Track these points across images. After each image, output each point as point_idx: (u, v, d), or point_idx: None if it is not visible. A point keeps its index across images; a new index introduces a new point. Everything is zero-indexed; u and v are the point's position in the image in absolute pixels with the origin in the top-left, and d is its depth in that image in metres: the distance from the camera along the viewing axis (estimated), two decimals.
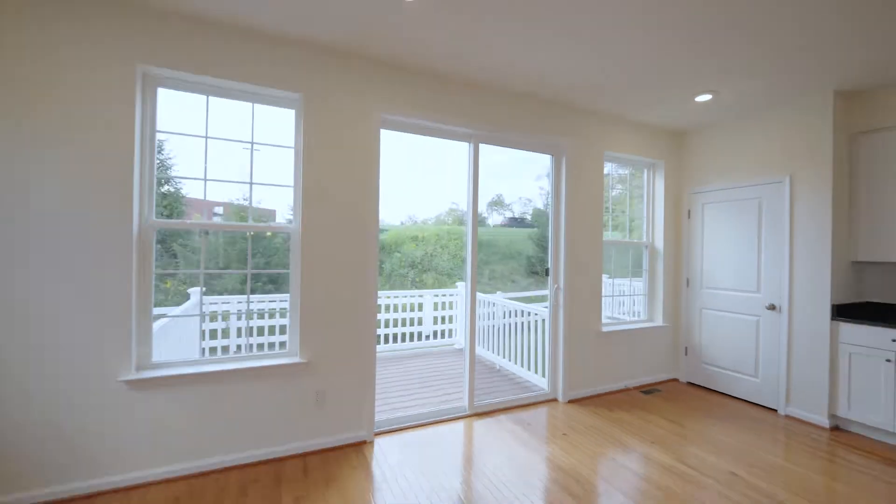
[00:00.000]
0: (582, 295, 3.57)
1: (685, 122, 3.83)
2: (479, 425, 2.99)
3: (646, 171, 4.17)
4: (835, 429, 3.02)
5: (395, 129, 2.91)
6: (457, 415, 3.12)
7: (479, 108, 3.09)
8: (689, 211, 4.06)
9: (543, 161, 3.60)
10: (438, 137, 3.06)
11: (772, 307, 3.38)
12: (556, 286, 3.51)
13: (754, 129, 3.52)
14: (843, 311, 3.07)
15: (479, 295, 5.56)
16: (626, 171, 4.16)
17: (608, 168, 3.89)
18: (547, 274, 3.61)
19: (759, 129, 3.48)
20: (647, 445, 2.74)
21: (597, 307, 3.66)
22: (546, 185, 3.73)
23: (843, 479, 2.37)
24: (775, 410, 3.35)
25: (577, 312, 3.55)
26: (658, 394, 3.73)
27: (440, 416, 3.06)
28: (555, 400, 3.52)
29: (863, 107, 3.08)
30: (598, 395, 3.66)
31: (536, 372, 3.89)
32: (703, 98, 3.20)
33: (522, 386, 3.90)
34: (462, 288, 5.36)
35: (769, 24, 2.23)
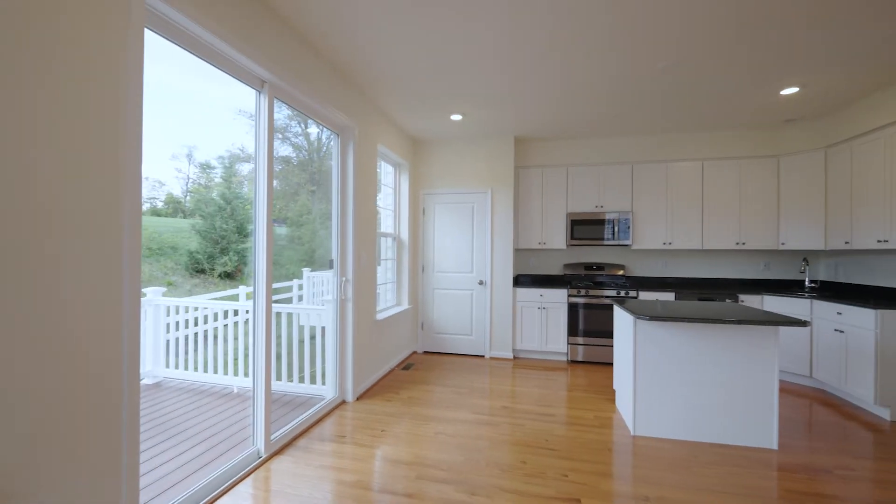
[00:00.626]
0: (366, 286, 3.51)
1: (430, 133, 4.54)
2: (285, 464, 2.35)
3: (394, 169, 4.59)
4: (516, 358, 4.62)
5: (162, 33, 1.74)
6: (250, 466, 2.29)
7: (282, 52, 2.38)
8: (423, 209, 4.84)
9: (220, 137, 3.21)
10: (218, 67, 2.10)
11: (481, 282, 4.67)
12: (343, 279, 3.26)
13: (472, 151, 4.71)
14: (518, 281, 4.74)
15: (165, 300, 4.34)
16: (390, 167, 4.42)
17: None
18: (331, 266, 3.27)
19: (475, 152, 4.70)
20: (439, 409, 3.13)
21: (373, 297, 3.70)
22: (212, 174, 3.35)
23: (527, 383, 3.72)
24: (483, 356, 4.68)
25: (363, 304, 3.46)
26: (413, 367, 4.26)
27: (228, 479, 2.14)
28: (344, 402, 3.27)
29: (522, 151, 4.84)
30: (377, 383, 3.73)
31: (314, 382, 3.44)
32: (456, 118, 3.96)
33: (292, 404, 3.34)
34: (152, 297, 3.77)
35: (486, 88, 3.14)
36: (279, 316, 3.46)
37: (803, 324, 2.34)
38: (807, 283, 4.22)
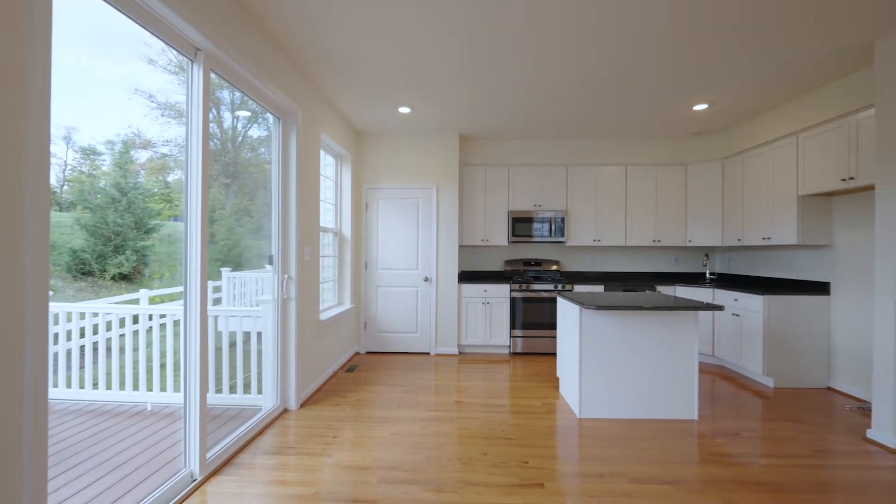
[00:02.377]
0: (309, 284, 3.27)
1: (375, 125, 4.37)
2: (227, 485, 2.09)
3: (335, 161, 4.34)
4: (461, 353, 4.66)
5: None
6: (184, 492, 1.99)
7: (221, 18, 2.10)
8: (366, 203, 4.66)
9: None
10: (144, 26, 1.79)
11: (426, 279, 4.63)
12: (285, 276, 2.99)
13: (417, 147, 4.64)
14: (462, 277, 4.79)
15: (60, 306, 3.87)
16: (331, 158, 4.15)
17: None
18: (270, 262, 2.99)
19: (421, 147, 4.63)
20: (392, 409, 3.03)
21: (317, 296, 3.46)
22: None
23: (475, 377, 3.79)
24: (428, 353, 4.65)
25: (306, 304, 3.21)
26: (358, 368, 4.08)
27: None
28: (286, 411, 3.01)
29: (466, 149, 4.89)
30: (320, 388, 3.50)
31: (247, 392, 3.10)
32: (405, 110, 3.86)
33: (222, 419, 2.99)
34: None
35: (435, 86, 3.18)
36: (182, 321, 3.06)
37: (719, 308, 2.69)
38: (707, 274, 4.89)
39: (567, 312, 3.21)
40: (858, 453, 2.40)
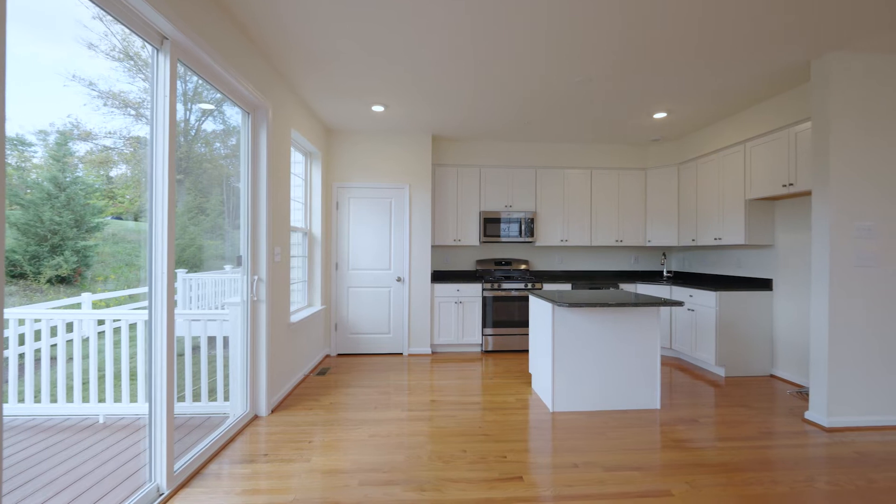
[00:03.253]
0: (280, 285, 3.16)
1: (347, 123, 4.28)
2: (198, 497, 1.99)
3: (304, 158, 4.22)
4: (434, 353, 4.67)
5: None
6: None
7: (190, 6, 1.99)
8: (337, 202, 4.57)
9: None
10: (106, 10, 1.67)
11: (399, 279, 4.61)
12: (255, 277, 2.88)
13: (390, 146, 4.60)
14: (435, 277, 4.80)
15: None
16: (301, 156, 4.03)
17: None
18: (239, 263, 2.87)
19: (393, 146, 4.60)
20: (368, 411, 3.00)
21: (288, 297, 3.36)
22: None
23: (449, 376, 3.84)
24: (401, 353, 4.62)
25: (277, 306, 3.10)
26: (329, 371, 3.99)
27: None
28: (257, 417, 2.90)
29: (438, 149, 4.91)
30: (291, 392, 3.39)
31: (212, 399, 2.96)
32: (378, 108, 3.82)
33: (185, 428, 2.84)
34: None
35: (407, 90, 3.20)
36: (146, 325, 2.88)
37: (680, 304, 2.88)
38: (665, 272, 5.20)
39: (540, 310, 3.31)
40: (798, 433, 2.66)
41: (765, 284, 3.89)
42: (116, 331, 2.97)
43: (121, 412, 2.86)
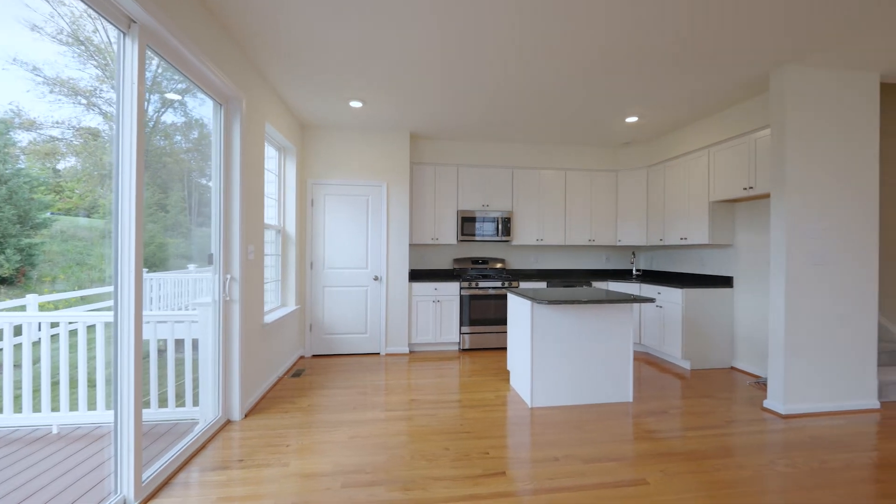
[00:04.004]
0: (254, 284, 3.05)
1: (323, 118, 4.18)
2: None
3: (278, 153, 4.09)
4: (411, 352, 4.64)
5: None
6: None
7: None
8: (312, 200, 4.45)
9: None
10: None
11: (376, 278, 4.55)
12: (228, 276, 2.76)
13: (367, 143, 4.53)
14: (414, 276, 4.77)
15: None
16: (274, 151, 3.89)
17: None
18: (210, 262, 2.74)
19: (370, 143, 4.53)
20: (347, 412, 2.94)
21: (262, 297, 3.24)
22: None
23: (428, 375, 3.83)
24: (378, 353, 4.57)
25: (251, 306, 2.99)
26: (305, 373, 3.89)
27: None
28: (229, 422, 2.78)
29: (416, 147, 4.88)
30: (265, 395, 3.28)
31: (180, 405, 2.81)
32: (356, 104, 3.75)
33: (151, 436, 2.69)
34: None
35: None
36: (108, 327, 2.71)
37: (651, 300, 3.01)
38: (634, 271, 5.41)
39: (519, 308, 3.36)
40: (758, 420, 2.84)
41: (726, 282, 4.12)
42: (72, 333, 2.77)
43: (77, 421, 2.67)
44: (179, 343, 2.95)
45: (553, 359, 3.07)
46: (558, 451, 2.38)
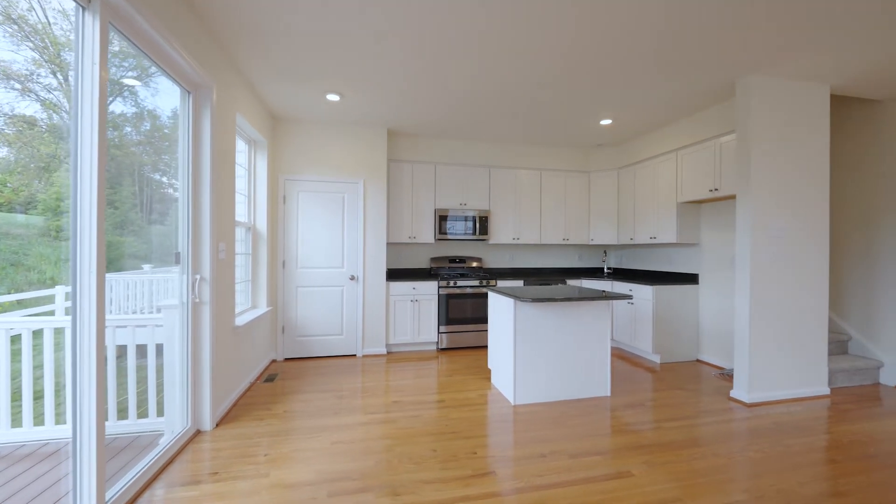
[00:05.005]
0: (225, 285, 2.87)
1: (297, 111, 4.00)
2: None
3: (248, 147, 3.88)
4: (389, 353, 4.55)
5: None
6: None
7: None
8: (284, 196, 4.26)
9: None
10: None
11: (352, 278, 4.42)
12: (197, 277, 2.58)
13: (343, 138, 4.39)
14: (391, 275, 4.68)
15: None
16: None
17: None
18: (177, 261, 2.55)
19: (347, 139, 4.39)
20: (327, 417, 2.84)
21: (233, 298, 3.06)
22: None
23: (408, 375, 3.78)
24: (355, 355, 4.45)
25: (222, 308, 2.81)
26: (278, 377, 3.71)
27: None
28: (199, 433, 2.60)
29: (394, 144, 4.79)
30: (236, 403, 3.10)
31: (142, 416, 2.60)
32: (333, 98, 3.62)
33: (107, 451, 2.47)
34: None
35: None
36: (58, 333, 2.47)
37: (629, 297, 3.10)
38: (605, 269, 5.59)
39: (500, 307, 3.37)
40: (727, 409, 3.00)
41: (692, 279, 4.33)
42: (14, 339, 2.49)
43: (21, 438, 2.40)
44: (141, 349, 2.73)
45: (535, 356, 3.10)
46: (544, 448, 2.40)
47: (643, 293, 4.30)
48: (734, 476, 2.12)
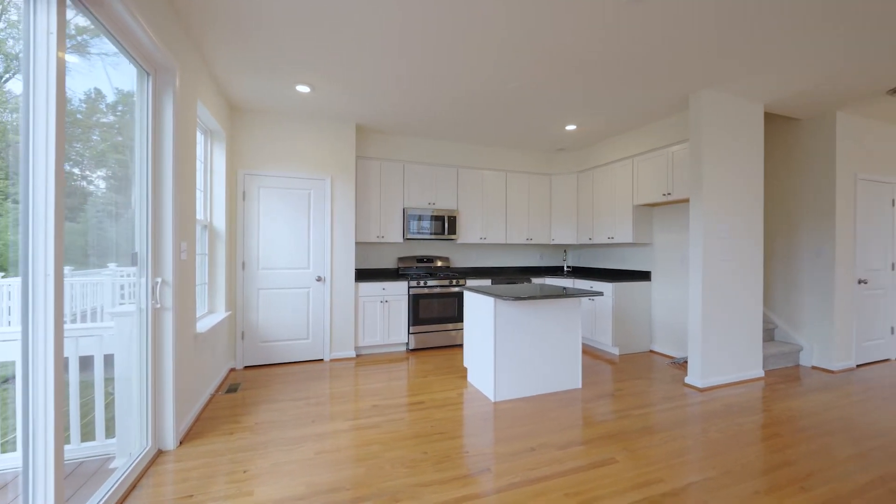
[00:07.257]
0: (187, 289, 2.61)
1: (258, 102, 3.73)
2: None
3: (204, 137, 3.55)
4: (358, 356, 4.41)
5: None
6: None
7: None
8: (244, 192, 3.97)
9: None
10: None
11: (319, 279, 4.23)
12: (158, 280, 2.32)
13: (309, 132, 4.17)
14: (359, 276, 4.53)
15: None
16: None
17: None
18: (134, 262, 2.28)
19: (313, 133, 4.18)
20: (305, 426, 2.69)
21: (194, 303, 2.79)
22: None
23: (382, 378, 3.70)
24: (322, 359, 4.25)
25: (183, 314, 2.55)
26: (242, 387, 3.45)
27: None
28: (161, 453, 2.34)
29: (361, 140, 4.64)
30: (199, 417, 2.83)
31: (88, 438, 2.29)
32: (303, 89, 3.43)
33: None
34: None
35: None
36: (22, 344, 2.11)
37: (599, 294, 3.28)
38: (565, 267, 5.86)
39: (478, 306, 3.40)
40: (684, 395, 3.28)
41: (645, 276, 4.68)
42: None
43: None
44: (86, 361, 2.39)
45: (514, 353, 3.18)
46: (532, 442, 2.47)
47: (603, 290, 4.57)
48: (702, 455, 2.33)
